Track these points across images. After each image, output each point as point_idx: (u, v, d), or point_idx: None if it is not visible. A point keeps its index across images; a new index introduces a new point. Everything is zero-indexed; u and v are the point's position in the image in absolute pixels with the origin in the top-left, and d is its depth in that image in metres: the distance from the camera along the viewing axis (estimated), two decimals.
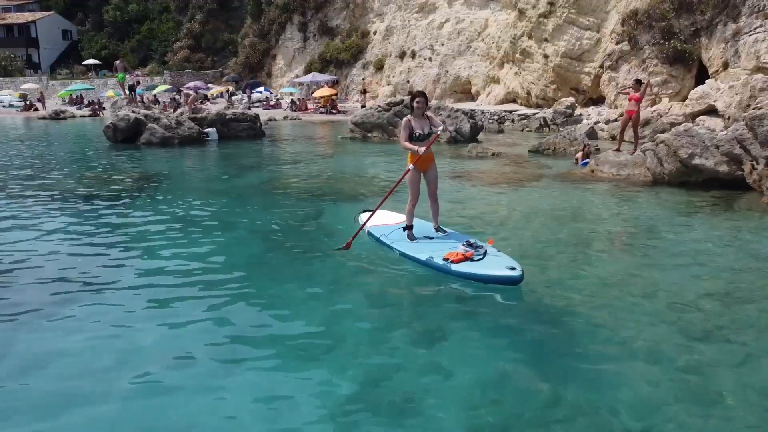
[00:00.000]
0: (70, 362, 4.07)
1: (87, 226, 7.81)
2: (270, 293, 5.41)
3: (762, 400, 3.55)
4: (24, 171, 13.03)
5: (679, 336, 4.41)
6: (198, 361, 4.09)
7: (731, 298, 5.16)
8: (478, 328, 4.65)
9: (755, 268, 5.92)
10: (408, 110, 18.79)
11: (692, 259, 6.23)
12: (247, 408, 3.51)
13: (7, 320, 4.77)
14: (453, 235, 6.49)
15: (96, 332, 4.54)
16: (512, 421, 3.36)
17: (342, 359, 4.12)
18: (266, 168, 13.75)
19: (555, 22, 25.34)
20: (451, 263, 5.65)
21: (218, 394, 3.66)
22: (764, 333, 4.49)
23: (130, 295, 5.31)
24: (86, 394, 3.66)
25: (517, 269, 5.32)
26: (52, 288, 5.50)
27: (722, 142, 9.54)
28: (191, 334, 4.52)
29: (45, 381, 3.83)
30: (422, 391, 3.65)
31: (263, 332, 4.57)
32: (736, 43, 19.51)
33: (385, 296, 5.38)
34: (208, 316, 4.86)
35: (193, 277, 5.80)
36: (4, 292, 5.39)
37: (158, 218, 8.24)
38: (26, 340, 4.43)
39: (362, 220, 7.00)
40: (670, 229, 7.48)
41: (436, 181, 6.45)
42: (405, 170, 6.33)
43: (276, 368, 4.02)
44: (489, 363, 4.06)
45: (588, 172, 11.14)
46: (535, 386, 3.73)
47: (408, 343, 4.36)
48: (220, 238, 7.28)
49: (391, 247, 6.45)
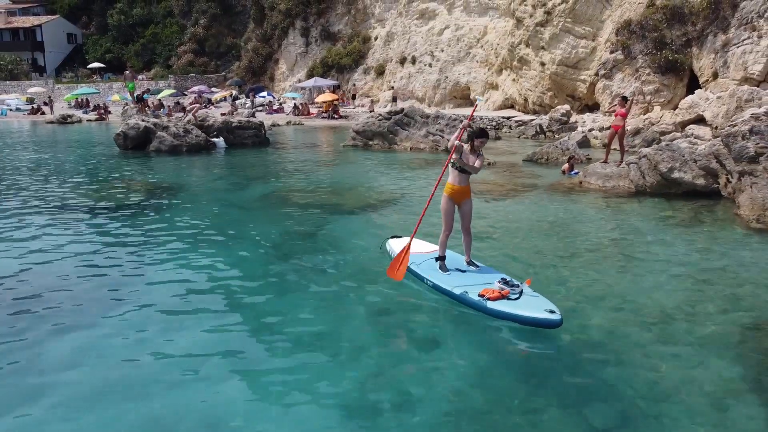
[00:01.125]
0: (100, 359, 4.75)
1: (107, 233, 8.49)
2: (276, 303, 6.09)
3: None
4: (43, 178, 13.71)
5: (636, 325, 5.07)
6: (211, 357, 4.77)
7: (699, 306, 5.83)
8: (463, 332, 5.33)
9: (726, 276, 6.58)
10: (408, 120, 19.40)
11: (665, 267, 6.90)
12: (269, 398, 4.19)
13: (48, 321, 5.46)
14: (485, 269, 6.42)
15: (119, 330, 5.22)
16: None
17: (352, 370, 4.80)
18: (272, 178, 14.44)
19: (551, 31, 25.98)
20: (487, 300, 5.53)
21: (238, 383, 4.34)
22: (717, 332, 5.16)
23: (152, 297, 5.99)
24: (117, 385, 4.34)
25: (556, 313, 5.16)
26: (77, 291, 6.18)
27: (700, 156, 10.21)
28: (209, 334, 5.20)
29: (83, 375, 4.51)
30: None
31: (279, 339, 5.25)
32: (725, 53, 20.17)
33: (388, 310, 6.05)
34: (219, 320, 5.54)
35: (207, 283, 6.49)
36: (32, 293, 6.08)
37: (174, 227, 8.92)
38: (59, 341, 5.11)
39: (389, 247, 7.14)
40: (646, 239, 8.15)
41: (470, 215, 6.46)
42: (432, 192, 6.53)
43: (293, 367, 4.70)
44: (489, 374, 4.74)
45: (576, 183, 11.80)
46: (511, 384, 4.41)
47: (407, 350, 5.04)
48: (230, 248, 7.95)
49: (422, 278, 6.38)
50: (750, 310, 5.72)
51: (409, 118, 19.38)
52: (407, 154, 18.12)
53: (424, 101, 34.90)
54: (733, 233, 8.30)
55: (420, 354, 4.92)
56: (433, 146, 18.56)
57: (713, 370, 4.58)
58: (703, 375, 4.51)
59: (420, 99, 35.25)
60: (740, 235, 8.19)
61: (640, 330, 5.26)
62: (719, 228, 8.59)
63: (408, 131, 19.25)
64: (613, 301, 5.93)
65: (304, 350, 4.97)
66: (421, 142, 18.90)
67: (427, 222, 7.80)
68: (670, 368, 4.60)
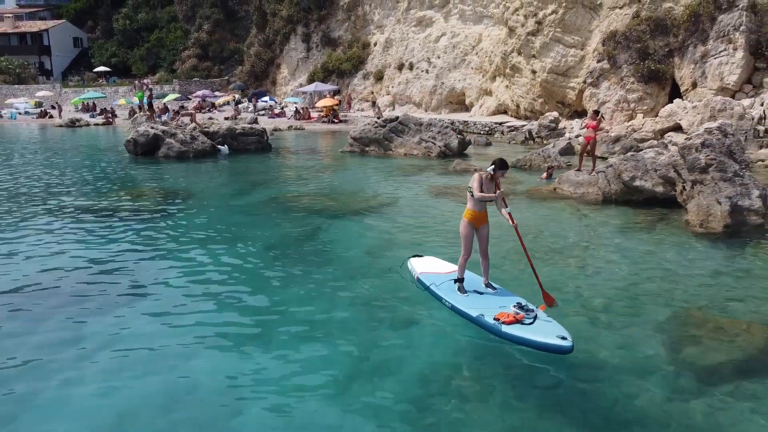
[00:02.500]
0: (123, 346, 5.88)
1: (126, 232, 9.62)
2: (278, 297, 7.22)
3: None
4: (61, 182, 14.85)
5: (583, 314, 6.17)
6: (219, 333, 5.89)
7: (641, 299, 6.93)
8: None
9: (703, 282, 7.65)
10: (403, 127, 20.42)
11: (615, 267, 7.99)
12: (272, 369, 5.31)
13: (75, 313, 6.59)
14: (502, 292, 6.64)
15: (138, 316, 6.35)
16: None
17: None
18: (273, 183, 15.57)
19: (542, 40, 27.07)
20: (502, 324, 5.75)
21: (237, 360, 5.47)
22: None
23: (168, 291, 7.12)
24: (143, 364, 5.47)
25: (567, 339, 5.34)
26: (98, 285, 7.31)
27: (660, 166, 11.30)
28: (212, 321, 6.33)
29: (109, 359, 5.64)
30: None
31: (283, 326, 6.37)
32: (704, 64, 21.27)
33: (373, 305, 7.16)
34: (225, 306, 6.67)
35: (214, 275, 7.62)
36: (55, 291, 7.21)
37: (184, 228, 10.05)
38: (82, 332, 6.24)
39: (411, 266, 7.52)
40: (602, 241, 9.25)
41: (488, 239, 6.75)
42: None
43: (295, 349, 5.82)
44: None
45: (551, 189, 12.90)
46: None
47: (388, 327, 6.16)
48: (235, 247, 9.07)
49: (441, 299, 6.62)
50: (678, 301, 6.80)
51: (404, 125, 20.49)
52: (401, 160, 19.22)
53: (421, 106, 36.02)
54: (680, 237, 9.39)
55: (395, 335, 6.03)
56: (426, 152, 19.67)
57: (636, 343, 5.66)
58: (631, 343, 5.59)
59: (417, 104, 36.37)
60: (685, 238, 9.29)
61: (585, 317, 6.34)
62: (669, 233, 9.68)
63: (402, 138, 20.36)
64: (566, 293, 7.00)
65: (300, 330, 6.08)
66: (414, 148, 20.00)
67: (446, 243, 8.93)
68: (604, 344, 5.69)
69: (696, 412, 4.64)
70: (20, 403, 4.80)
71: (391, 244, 9.38)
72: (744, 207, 9.69)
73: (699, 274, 7.70)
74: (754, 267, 7.99)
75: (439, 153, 19.37)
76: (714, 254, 8.51)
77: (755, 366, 5.43)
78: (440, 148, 19.48)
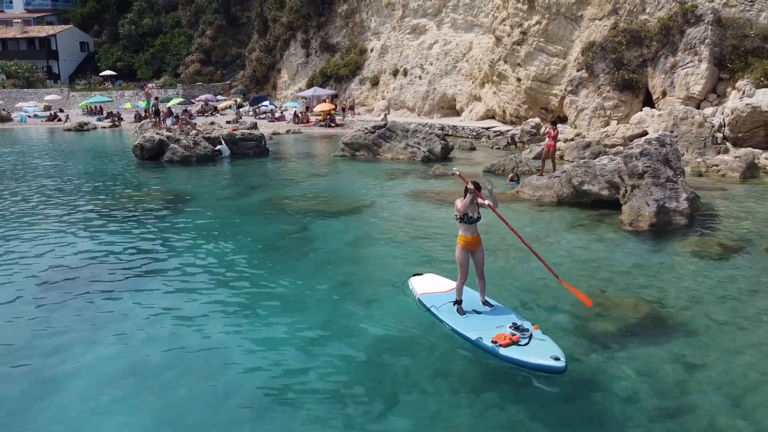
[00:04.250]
0: (136, 318, 7.42)
1: (135, 229, 11.17)
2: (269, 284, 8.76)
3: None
4: (73, 185, 16.43)
5: (514, 296, 7.66)
6: (212, 309, 7.43)
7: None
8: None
9: (622, 269, 9.14)
10: (390, 133, 21.87)
11: (554, 258, 9.47)
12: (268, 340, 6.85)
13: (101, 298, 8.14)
14: (498, 309, 7.04)
15: (151, 297, 7.90)
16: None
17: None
18: (269, 186, 17.12)
19: (527, 49, 28.54)
20: (500, 347, 6.09)
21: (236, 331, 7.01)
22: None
23: (172, 276, 8.65)
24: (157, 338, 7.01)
25: (561, 360, 5.68)
26: (118, 273, 8.85)
27: (606, 172, 12.79)
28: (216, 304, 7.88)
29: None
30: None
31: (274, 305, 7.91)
32: (673, 74, 22.72)
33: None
34: (224, 287, 8.22)
35: (216, 263, 9.17)
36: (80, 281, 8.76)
37: (188, 226, 11.60)
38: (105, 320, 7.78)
39: (411, 285, 7.90)
40: (548, 238, 10.75)
41: (483, 261, 7.08)
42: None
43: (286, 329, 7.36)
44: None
45: (515, 192, 14.39)
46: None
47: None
48: (231, 242, 10.62)
49: (442, 321, 6.97)
50: (592, 284, 8.28)
51: (391, 132, 22.00)
52: (388, 164, 20.73)
53: (414, 111, 37.54)
54: (611, 234, 10.89)
55: (359, 308, 7.54)
56: (411, 157, 21.17)
57: (550, 316, 7.14)
58: (546, 318, 7.07)
59: (411, 109, 37.89)
60: (616, 235, 10.78)
61: (516, 298, 7.83)
62: (604, 230, 11.17)
63: (390, 143, 21.88)
64: (506, 280, 8.49)
65: (282, 303, 7.62)
66: (401, 153, 21.52)
67: (414, 237, 10.45)
68: (527, 315, 7.18)
69: (586, 365, 6.10)
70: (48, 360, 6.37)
71: (368, 239, 10.98)
72: (671, 209, 11.18)
73: (615, 265, 9.20)
74: (666, 260, 9.48)
75: (424, 158, 20.88)
76: (635, 249, 10.01)
77: (634, 331, 6.92)
78: (424, 153, 20.99)
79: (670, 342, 6.66)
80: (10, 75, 56.52)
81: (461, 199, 6.89)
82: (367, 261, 9.80)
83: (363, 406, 5.46)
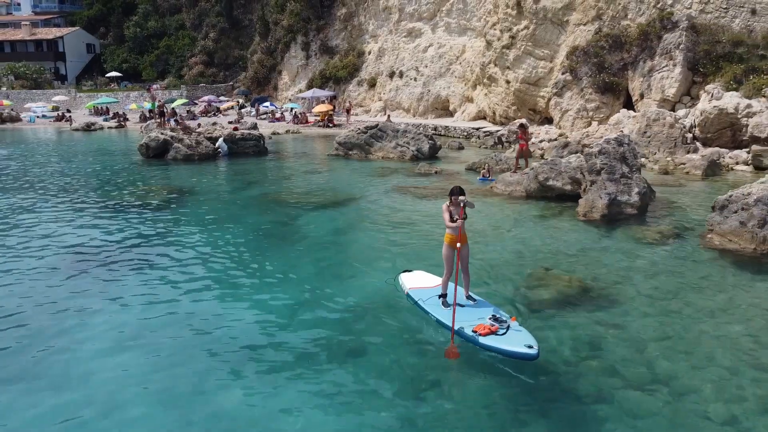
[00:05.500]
0: (138, 298, 8.73)
1: (141, 220, 12.49)
2: (260, 264, 10.06)
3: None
4: (84, 181, 17.77)
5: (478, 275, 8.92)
6: (206, 286, 8.73)
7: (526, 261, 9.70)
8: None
9: (569, 252, 10.38)
10: (381, 133, 23.15)
11: (512, 243, 10.75)
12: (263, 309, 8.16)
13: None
14: (480, 303, 7.52)
15: (153, 282, 9.20)
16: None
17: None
18: (266, 182, 18.43)
19: (515, 53, 29.79)
20: (479, 336, 6.60)
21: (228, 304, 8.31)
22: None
23: (174, 258, 9.96)
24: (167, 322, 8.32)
25: (534, 348, 6.19)
26: (127, 264, 10.16)
27: (569, 169, 14.05)
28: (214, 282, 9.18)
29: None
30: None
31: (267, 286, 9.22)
32: (650, 78, 23.94)
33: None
34: (222, 268, 9.53)
35: (215, 249, 10.48)
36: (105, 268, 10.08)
37: (190, 217, 12.91)
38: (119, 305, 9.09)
39: (401, 281, 8.42)
40: (512, 226, 12.01)
41: (468, 258, 7.58)
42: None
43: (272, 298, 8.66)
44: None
45: (490, 188, 15.66)
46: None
47: None
48: (227, 230, 11.92)
49: (427, 312, 7.50)
50: (540, 263, 9.53)
51: (382, 132, 23.29)
52: (379, 163, 22.01)
53: (409, 112, 38.82)
54: (567, 223, 12.15)
55: (337, 284, 8.82)
56: (401, 156, 22.46)
57: (501, 288, 8.39)
58: (497, 290, 8.33)
59: (406, 110, 39.17)
60: (571, 224, 12.04)
61: (476, 275, 9.05)
62: (562, 220, 12.43)
63: (381, 143, 23.17)
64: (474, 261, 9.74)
65: (269, 280, 8.91)
66: (391, 152, 22.80)
67: (393, 225, 11.72)
68: (481, 285, 8.45)
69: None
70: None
71: (351, 227, 12.30)
72: (622, 201, 12.44)
73: (564, 248, 10.46)
74: (609, 245, 10.73)
75: (412, 156, 22.15)
76: (585, 235, 11.26)
77: (566, 300, 8.15)
78: (413, 152, 22.26)
79: (594, 307, 7.92)
80: (18, 76, 58.06)
81: (445, 205, 7.37)
82: (347, 245, 11.10)
83: (335, 358, 6.74)
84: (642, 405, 5.66)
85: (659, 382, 6.04)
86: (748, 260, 9.52)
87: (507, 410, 5.68)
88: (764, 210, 9.70)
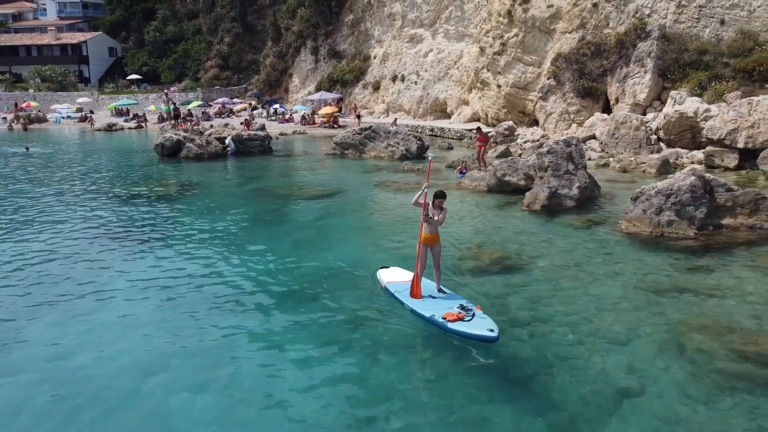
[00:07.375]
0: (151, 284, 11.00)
1: (153, 210, 14.79)
2: (257, 246, 12.29)
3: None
4: (106, 175, 20.21)
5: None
6: (204, 264, 10.97)
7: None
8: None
9: (506, 235, 12.46)
10: (375, 134, 25.33)
11: (465, 228, 12.83)
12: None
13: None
14: (450, 296, 8.37)
15: (154, 270, 11.46)
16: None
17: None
18: (266, 178, 20.71)
19: (506, 59, 31.74)
20: (448, 322, 7.45)
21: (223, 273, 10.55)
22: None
23: (181, 240, 12.22)
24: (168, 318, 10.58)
25: (494, 331, 7.02)
26: (135, 253, 12.45)
27: (524, 167, 16.08)
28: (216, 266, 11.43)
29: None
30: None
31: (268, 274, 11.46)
32: (624, 83, 25.78)
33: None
34: (223, 250, 11.78)
35: (218, 235, 12.73)
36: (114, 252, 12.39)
37: (198, 207, 15.21)
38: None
39: (379, 276, 9.26)
40: (469, 215, 14.09)
41: (439, 255, 8.54)
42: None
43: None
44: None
45: (458, 183, 17.75)
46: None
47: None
48: (229, 217, 14.16)
49: (402, 302, 8.32)
50: (478, 243, 11.57)
51: (375, 133, 25.47)
52: (371, 161, 24.16)
53: (410, 114, 40.92)
54: (514, 213, 14.20)
55: (317, 258, 10.99)
56: (391, 155, 24.60)
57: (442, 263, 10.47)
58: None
59: (407, 112, 41.27)
60: (515, 214, 14.09)
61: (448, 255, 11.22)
62: (510, 210, 14.48)
63: (374, 143, 25.34)
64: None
65: (262, 258, 11.12)
66: (382, 152, 24.96)
67: (371, 212, 13.90)
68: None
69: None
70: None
71: (337, 213, 14.51)
72: (562, 194, 14.44)
73: (501, 231, 12.54)
74: (540, 229, 12.74)
75: (401, 156, 24.27)
76: (523, 222, 13.30)
77: (488, 270, 10.16)
78: (402, 152, 24.38)
79: (511, 275, 9.92)
80: (44, 79, 61.29)
81: (420, 195, 8.38)
82: (328, 227, 13.28)
83: (300, 303, 8.91)
84: (520, 335, 7.71)
85: (540, 321, 8.04)
86: (644, 240, 11.50)
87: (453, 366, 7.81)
88: (662, 200, 11.66)
